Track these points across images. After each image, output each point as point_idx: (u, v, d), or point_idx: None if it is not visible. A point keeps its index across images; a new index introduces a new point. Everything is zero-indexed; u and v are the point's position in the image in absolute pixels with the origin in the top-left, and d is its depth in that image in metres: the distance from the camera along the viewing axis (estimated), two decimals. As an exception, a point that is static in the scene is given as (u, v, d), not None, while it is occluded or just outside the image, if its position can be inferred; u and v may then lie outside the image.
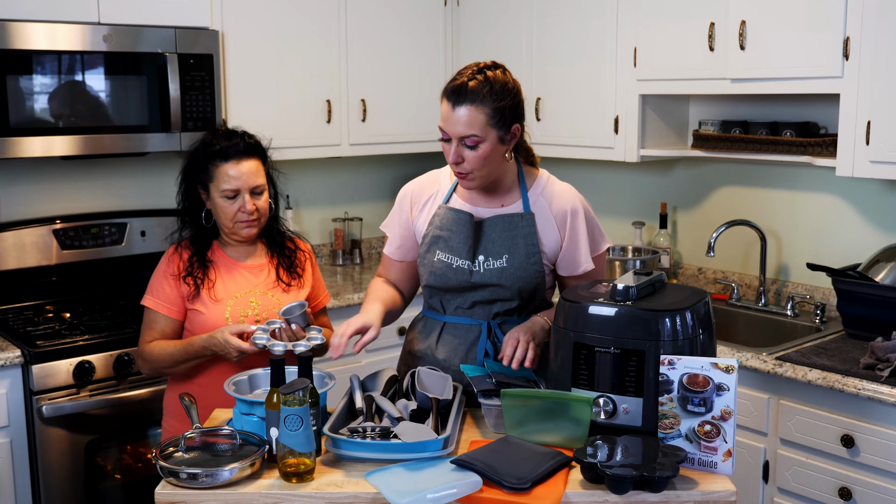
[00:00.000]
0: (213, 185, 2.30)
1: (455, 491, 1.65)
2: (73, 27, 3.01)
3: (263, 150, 2.38)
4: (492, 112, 2.02)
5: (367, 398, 1.99)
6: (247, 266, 2.39)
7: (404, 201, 2.30)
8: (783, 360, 2.67)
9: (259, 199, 2.32)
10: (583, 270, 2.18)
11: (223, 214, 2.31)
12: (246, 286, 2.36)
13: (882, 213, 3.08)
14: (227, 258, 2.38)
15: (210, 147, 2.30)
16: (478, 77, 2.04)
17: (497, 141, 2.06)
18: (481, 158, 2.05)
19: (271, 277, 2.39)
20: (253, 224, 2.32)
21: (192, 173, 2.34)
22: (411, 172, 3.14)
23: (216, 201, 2.31)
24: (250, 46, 3.49)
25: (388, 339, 3.58)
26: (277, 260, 2.42)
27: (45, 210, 3.39)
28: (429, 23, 4.00)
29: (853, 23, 2.74)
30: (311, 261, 2.50)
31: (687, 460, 1.77)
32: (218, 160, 2.28)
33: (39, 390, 2.78)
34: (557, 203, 2.17)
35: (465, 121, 2.02)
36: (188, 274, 2.32)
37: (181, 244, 2.38)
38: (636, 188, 3.85)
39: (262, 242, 2.43)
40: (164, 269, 2.35)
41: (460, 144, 2.04)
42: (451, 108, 2.03)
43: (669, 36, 3.24)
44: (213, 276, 2.34)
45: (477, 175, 2.09)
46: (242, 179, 2.28)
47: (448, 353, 2.20)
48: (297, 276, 2.43)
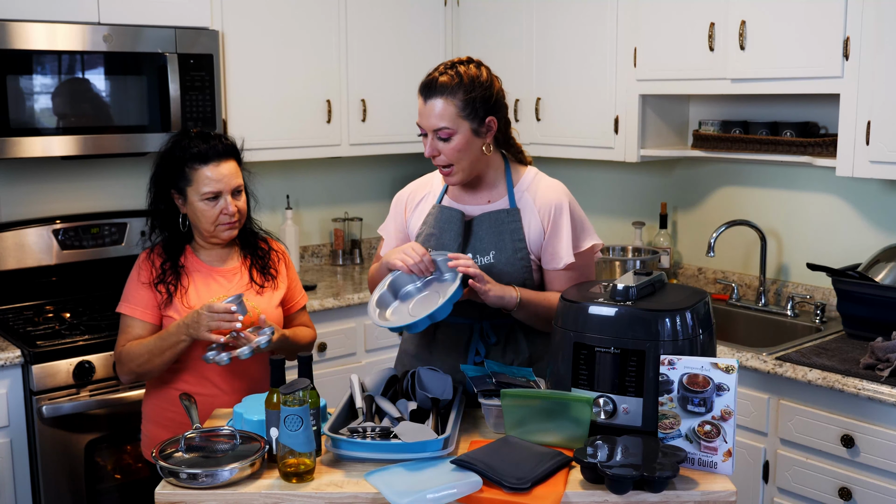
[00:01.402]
0: (190, 189, 2.26)
1: (455, 491, 1.66)
2: (73, 27, 3.01)
3: (238, 152, 2.35)
4: (461, 104, 2.07)
5: (367, 398, 1.99)
6: (220, 271, 2.36)
7: (399, 204, 2.33)
8: (783, 360, 2.67)
9: (239, 200, 2.30)
10: (564, 264, 2.16)
11: (204, 218, 2.27)
12: (219, 291, 2.32)
13: (882, 213, 3.08)
14: (201, 263, 2.35)
15: (187, 150, 2.25)
16: (449, 72, 2.10)
17: (471, 133, 2.10)
18: (455, 151, 2.09)
19: (245, 281, 2.37)
20: (234, 225, 2.30)
21: (166, 177, 2.29)
22: (411, 172, 3.14)
23: (196, 205, 2.26)
24: (250, 46, 3.49)
25: (388, 338, 3.59)
26: (251, 262, 2.39)
27: (45, 210, 3.39)
28: (429, 23, 4.00)
29: (853, 23, 2.74)
30: (285, 261, 2.47)
31: (687, 460, 1.77)
32: (196, 163, 2.25)
33: (39, 390, 2.78)
34: (542, 197, 2.19)
35: (436, 113, 2.07)
36: (160, 281, 2.28)
37: (153, 251, 2.34)
38: (636, 188, 3.85)
39: (236, 245, 2.40)
40: (136, 277, 2.32)
41: (434, 138, 2.10)
42: (424, 101, 2.10)
43: (669, 36, 3.24)
44: (185, 282, 2.31)
45: (457, 169, 2.12)
46: (224, 181, 2.26)
47: (441, 353, 2.21)
48: (270, 277, 2.40)
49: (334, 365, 3.48)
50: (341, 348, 3.50)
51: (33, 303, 3.27)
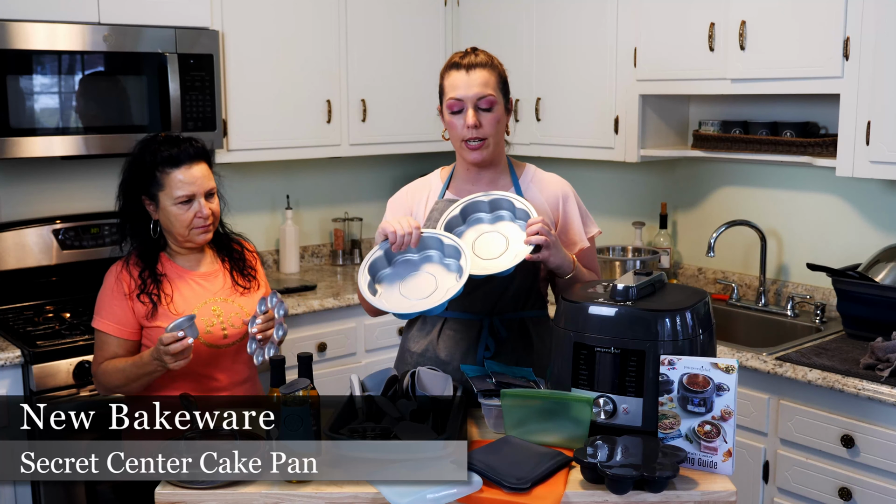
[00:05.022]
0: (163, 194, 2.24)
1: (455, 491, 1.66)
2: (73, 27, 3.01)
3: (209, 154, 2.33)
4: (498, 78, 2.17)
5: (367, 398, 1.99)
6: (200, 274, 2.33)
7: (399, 207, 2.32)
8: (783, 360, 2.67)
9: (213, 203, 2.29)
10: (578, 249, 2.22)
11: (178, 222, 2.25)
12: (204, 295, 2.30)
13: (882, 213, 3.08)
14: (179, 268, 2.32)
15: (157, 154, 2.23)
16: (479, 51, 2.19)
17: (504, 109, 2.18)
18: (495, 121, 2.15)
19: (227, 283, 2.35)
20: (209, 228, 2.28)
21: (137, 183, 2.26)
22: (411, 172, 3.14)
23: (168, 210, 2.24)
24: (250, 46, 3.49)
25: (388, 338, 3.58)
26: (230, 265, 2.38)
27: (45, 210, 3.39)
28: (429, 23, 4.00)
29: (853, 23, 2.74)
30: (258, 260, 2.47)
31: (687, 460, 1.77)
32: (167, 167, 2.22)
33: (39, 390, 2.78)
34: (548, 189, 2.24)
35: (481, 81, 2.13)
36: (142, 291, 2.24)
37: (129, 261, 2.29)
38: (636, 188, 3.85)
39: (210, 248, 2.38)
40: (113, 289, 2.26)
41: (476, 109, 2.13)
42: (466, 72, 2.14)
43: (669, 36, 3.24)
44: (168, 289, 2.27)
45: (490, 142, 2.16)
46: (197, 184, 2.24)
47: (449, 349, 2.21)
48: (251, 277, 2.40)
49: (334, 365, 3.47)
50: (341, 348, 3.49)
51: (33, 303, 3.27)
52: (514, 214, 2.12)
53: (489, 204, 2.14)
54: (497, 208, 2.14)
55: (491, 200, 2.14)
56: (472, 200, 2.14)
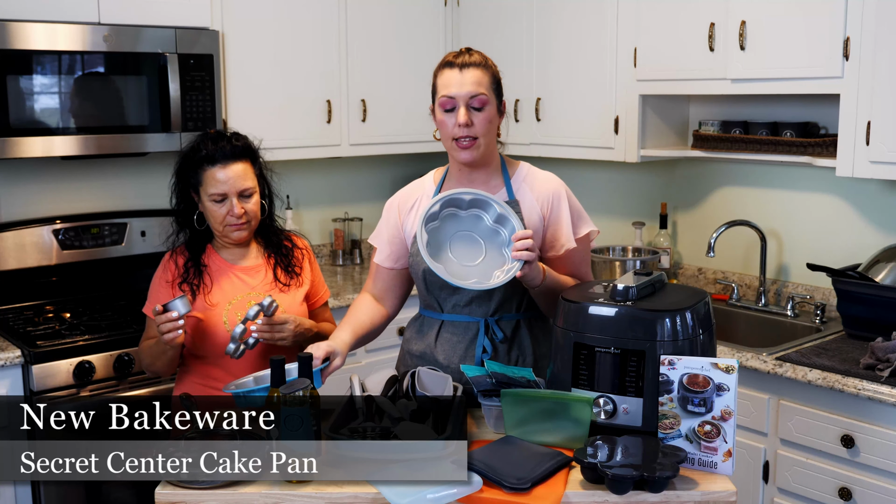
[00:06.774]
0: (202, 189, 2.29)
1: (455, 491, 1.66)
2: (73, 27, 3.01)
3: (253, 152, 2.36)
4: (492, 79, 2.16)
5: (367, 398, 1.99)
6: (242, 268, 2.37)
7: (391, 210, 2.32)
8: (783, 361, 2.67)
9: (248, 203, 2.31)
10: (564, 250, 2.18)
11: (213, 218, 2.30)
12: (243, 289, 2.34)
13: (882, 213, 3.08)
14: (222, 261, 2.37)
15: (198, 151, 2.28)
16: (473, 51, 2.18)
17: (496, 110, 2.17)
18: (487, 121, 2.13)
19: (268, 278, 2.38)
20: (243, 227, 2.31)
21: (184, 176, 2.33)
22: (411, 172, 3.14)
23: (206, 205, 2.30)
24: (250, 46, 3.49)
25: (387, 339, 3.56)
26: (275, 260, 2.40)
27: (45, 210, 3.39)
28: (429, 23, 4.00)
29: (853, 23, 2.74)
30: (308, 258, 2.48)
31: (687, 460, 1.77)
32: (206, 164, 2.27)
33: (39, 390, 2.78)
34: (540, 188, 2.22)
35: (475, 80, 2.12)
36: (183, 280, 2.31)
37: (176, 250, 2.37)
38: (636, 188, 3.85)
39: (257, 243, 2.42)
40: (160, 276, 2.35)
41: (468, 108, 2.11)
42: (459, 71, 2.13)
43: (669, 36, 3.24)
44: (208, 280, 2.33)
45: (481, 142, 2.14)
46: (229, 184, 2.26)
47: (447, 351, 2.21)
48: (294, 274, 2.42)
49: (334, 365, 3.47)
50: (341, 348, 3.49)
51: (33, 303, 3.28)
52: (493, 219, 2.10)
53: (469, 202, 2.12)
54: (475, 207, 2.12)
55: (471, 199, 2.12)
56: (452, 196, 2.12)
